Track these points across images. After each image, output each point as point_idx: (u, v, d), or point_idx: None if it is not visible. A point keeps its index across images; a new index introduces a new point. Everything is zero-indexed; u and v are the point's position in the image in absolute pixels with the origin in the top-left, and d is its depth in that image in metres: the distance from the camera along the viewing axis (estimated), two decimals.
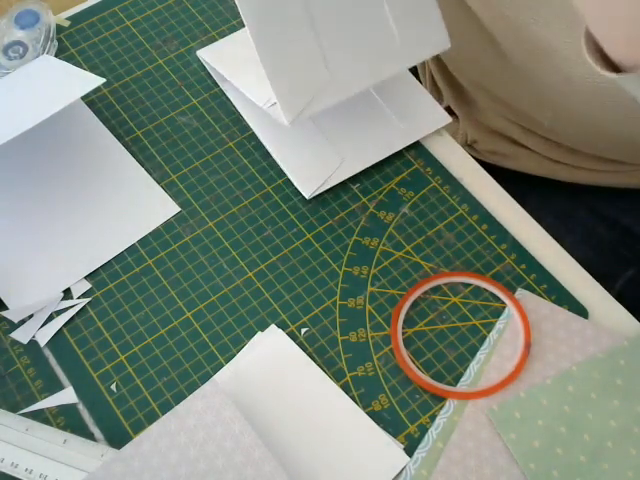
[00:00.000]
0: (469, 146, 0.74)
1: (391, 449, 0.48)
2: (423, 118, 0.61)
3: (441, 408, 0.50)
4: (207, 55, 0.64)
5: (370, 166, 0.59)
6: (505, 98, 0.68)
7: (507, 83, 0.66)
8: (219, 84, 0.63)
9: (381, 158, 0.59)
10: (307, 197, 0.57)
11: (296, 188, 0.58)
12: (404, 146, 0.60)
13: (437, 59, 0.76)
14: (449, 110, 0.76)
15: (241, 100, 0.62)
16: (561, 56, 0.58)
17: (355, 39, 0.54)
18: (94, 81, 0.57)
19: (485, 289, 0.54)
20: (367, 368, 0.51)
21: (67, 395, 0.50)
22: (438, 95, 0.78)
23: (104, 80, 0.56)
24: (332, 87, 0.53)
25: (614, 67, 0.42)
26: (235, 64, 0.61)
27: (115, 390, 0.50)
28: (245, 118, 0.61)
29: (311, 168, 0.58)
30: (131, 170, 0.59)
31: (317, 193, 0.57)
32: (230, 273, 0.55)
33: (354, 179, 0.59)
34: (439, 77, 0.77)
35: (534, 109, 0.66)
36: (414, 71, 0.82)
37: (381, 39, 0.54)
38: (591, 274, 0.55)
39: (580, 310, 0.53)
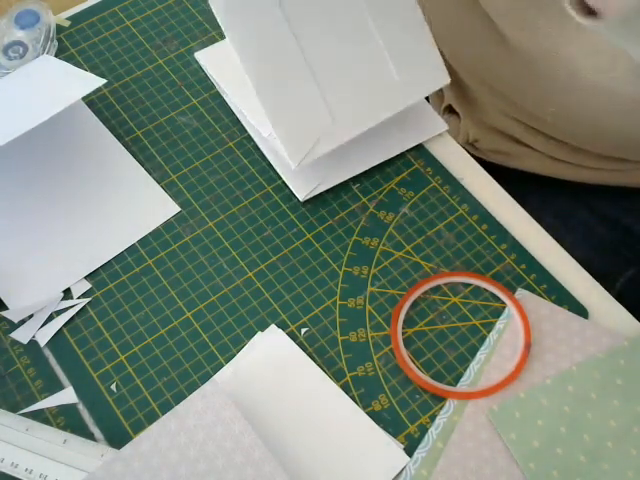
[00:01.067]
0: (471, 145, 0.74)
1: (391, 449, 0.48)
2: (420, 125, 0.61)
3: (441, 408, 0.50)
4: (205, 59, 0.64)
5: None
6: (509, 94, 0.68)
7: (512, 78, 0.66)
8: (216, 86, 0.63)
9: (377, 163, 0.59)
10: (301, 200, 0.57)
11: None
12: (400, 152, 0.60)
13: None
14: (451, 109, 0.76)
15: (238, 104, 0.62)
16: (567, 51, 0.58)
17: (354, 81, 0.55)
18: (94, 82, 0.57)
19: (485, 289, 0.54)
20: (367, 368, 0.51)
21: (67, 395, 0.50)
22: (439, 94, 0.78)
23: (104, 81, 0.56)
24: (335, 130, 0.54)
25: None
26: (234, 72, 0.61)
27: (115, 390, 0.50)
28: (241, 120, 0.61)
29: (306, 171, 0.58)
30: (131, 170, 0.59)
31: (311, 196, 0.57)
32: (230, 273, 0.55)
33: (354, 179, 0.59)
34: None
35: (538, 105, 0.66)
36: None
37: (380, 79, 0.55)
38: (591, 274, 0.55)
39: (580, 310, 0.53)
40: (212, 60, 0.64)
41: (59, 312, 0.53)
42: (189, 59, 0.65)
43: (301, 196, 0.57)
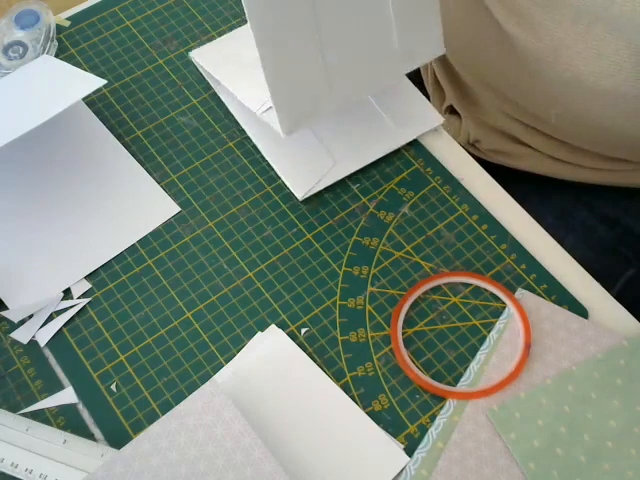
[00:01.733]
0: (472, 145, 0.74)
1: (391, 449, 0.48)
2: (416, 119, 0.61)
3: (441, 408, 0.50)
4: (200, 57, 0.64)
5: (370, 166, 0.59)
6: (512, 96, 0.68)
7: (516, 80, 0.66)
8: (212, 86, 0.63)
9: (374, 159, 0.59)
10: (300, 198, 0.57)
11: None
12: (396, 147, 0.60)
13: (440, 58, 0.76)
14: (452, 109, 0.76)
15: (235, 102, 0.62)
16: (573, 54, 0.58)
17: (357, 47, 0.53)
18: (95, 82, 0.56)
19: (485, 289, 0.54)
20: (367, 368, 0.51)
21: (67, 395, 0.50)
22: (440, 94, 0.78)
23: (105, 82, 0.56)
24: (330, 98, 0.52)
25: None
26: (229, 67, 0.61)
27: (115, 390, 0.50)
28: (238, 120, 0.61)
29: (304, 169, 0.58)
30: (131, 170, 0.59)
31: (310, 194, 0.57)
32: (230, 273, 0.55)
33: (354, 179, 0.59)
34: (442, 76, 0.77)
35: (541, 107, 0.66)
36: (416, 70, 0.82)
37: (381, 47, 0.54)
38: (591, 274, 0.55)
39: (580, 310, 0.53)
40: (207, 57, 0.63)
41: (59, 312, 0.53)
42: (189, 59, 0.65)
43: (300, 195, 0.57)
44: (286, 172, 0.58)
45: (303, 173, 0.58)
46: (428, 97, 0.80)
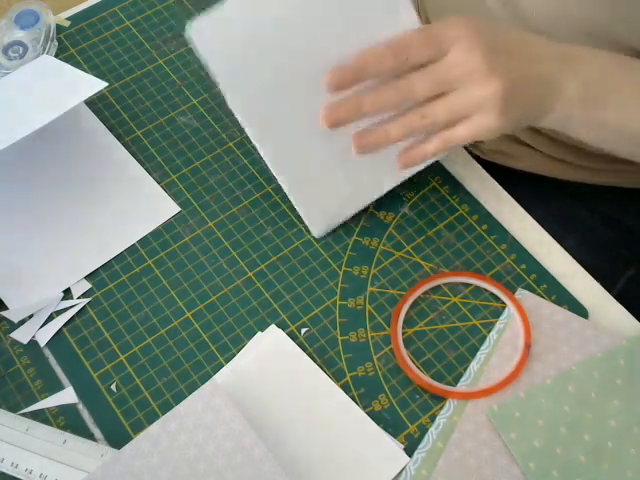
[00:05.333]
0: (472, 145, 0.74)
1: (391, 449, 0.48)
2: None
3: (441, 408, 0.50)
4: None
5: None
6: None
7: None
8: (215, 79, 0.60)
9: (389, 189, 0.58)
10: (317, 236, 0.57)
11: None
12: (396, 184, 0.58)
13: None
14: None
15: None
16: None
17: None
18: (96, 85, 0.56)
19: (485, 289, 0.54)
20: (367, 368, 0.51)
21: (67, 395, 0.50)
22: None
23: (106, 84, 0.56)
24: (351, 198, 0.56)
25: None
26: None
27: (115, 390, 0.50)
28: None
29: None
30: (131, 170, 0.59)
31: (328, 231, 0.57)
32: (230, 273, 0.55)
33: None
34: None
35: None
36: None
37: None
38: (591, 274, 0.56)
39: (580, 310, 0.53)
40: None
41: (59, 312, 0.53)
42: (189, 59, 0.65)
43: (317, 232, 0.56)
44: (303, 208, 0.57)
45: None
46: None
